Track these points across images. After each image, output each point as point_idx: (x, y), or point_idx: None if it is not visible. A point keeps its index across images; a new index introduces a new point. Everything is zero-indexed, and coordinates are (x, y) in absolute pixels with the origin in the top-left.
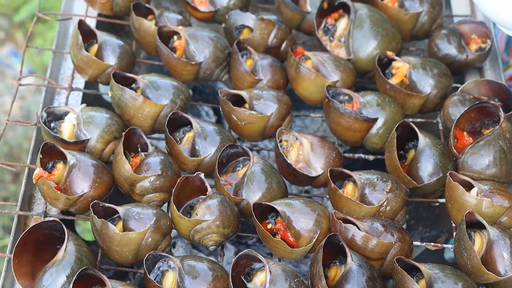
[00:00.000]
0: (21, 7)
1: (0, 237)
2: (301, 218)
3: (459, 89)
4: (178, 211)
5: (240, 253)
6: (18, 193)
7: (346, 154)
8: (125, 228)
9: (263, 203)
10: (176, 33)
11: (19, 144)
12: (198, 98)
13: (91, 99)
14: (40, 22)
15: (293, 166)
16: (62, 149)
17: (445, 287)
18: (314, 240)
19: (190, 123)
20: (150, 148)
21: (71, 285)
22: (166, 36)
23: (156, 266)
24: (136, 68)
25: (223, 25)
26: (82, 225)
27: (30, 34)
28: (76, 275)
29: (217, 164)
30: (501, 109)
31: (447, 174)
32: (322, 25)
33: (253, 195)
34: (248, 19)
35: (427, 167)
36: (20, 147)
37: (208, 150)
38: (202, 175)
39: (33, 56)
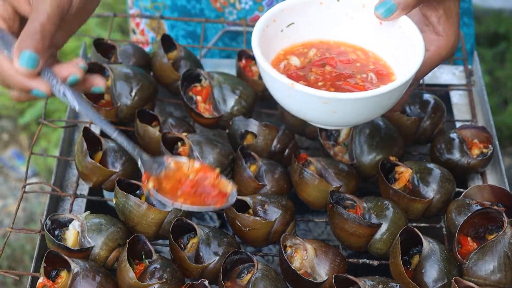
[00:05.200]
0: (26, 110)
1: None
2: None
3: (462, 194)
4: None
5: None
6: None
7: (350, 259)
8: None
9: None
10: (180, 139)
11: (21, 246)
12: None
13: (96, 206)
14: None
15: (298, 272)
16: (66, 258)
17: None
18: None
19: (194, 229)
20: (154, 255)
21: None
22: (171, 142)
23: None
24: (140, 173)
25: (227, 131)
26: None
27: (34, 141)
28: None
29: (221, 271)
30: (504, 214)
31: (452, 280)
32: (325, 131)
33: None
34: (252, 125)
35: (432, 273)
36: (22, 249)
37: (212, 256)
38: (206, 282)
39: (37, 158)
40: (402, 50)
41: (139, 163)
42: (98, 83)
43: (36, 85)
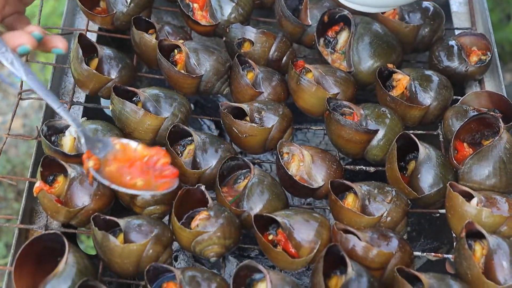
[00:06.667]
0: None
1: (3, 255)
2: (302, 229)
3: (460, 100)
4: (179, 223)
5: (240, 264)
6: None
7: (347, 166)
8: (126, 240)
9: (264, 214)
10: (177, 46)
11: (22, 161)
12: (200, 112)
13: (92, 113)
14: None
15: (294, 178)
16: (62, 162)
17: None
18: (315, 250)
19: (191, 136)
20: None
21: None
22: (167, 50)
23: (157, 278)
24: (138, 82)
25: (224, 38)
26: (86, 242)
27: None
28: (77, 286)
29: (218, 176)
30: (500, 120)
31: (447, 184)
32: (323, 38)
33: (254, 207)
34: (249, 32)
35: (427, 178)
36: (23, 164)
37: (209, 162)
38: (203, 187)
39: (37, 73)
40: None
41: (82, 140)
42: (58, 44)
43: None
